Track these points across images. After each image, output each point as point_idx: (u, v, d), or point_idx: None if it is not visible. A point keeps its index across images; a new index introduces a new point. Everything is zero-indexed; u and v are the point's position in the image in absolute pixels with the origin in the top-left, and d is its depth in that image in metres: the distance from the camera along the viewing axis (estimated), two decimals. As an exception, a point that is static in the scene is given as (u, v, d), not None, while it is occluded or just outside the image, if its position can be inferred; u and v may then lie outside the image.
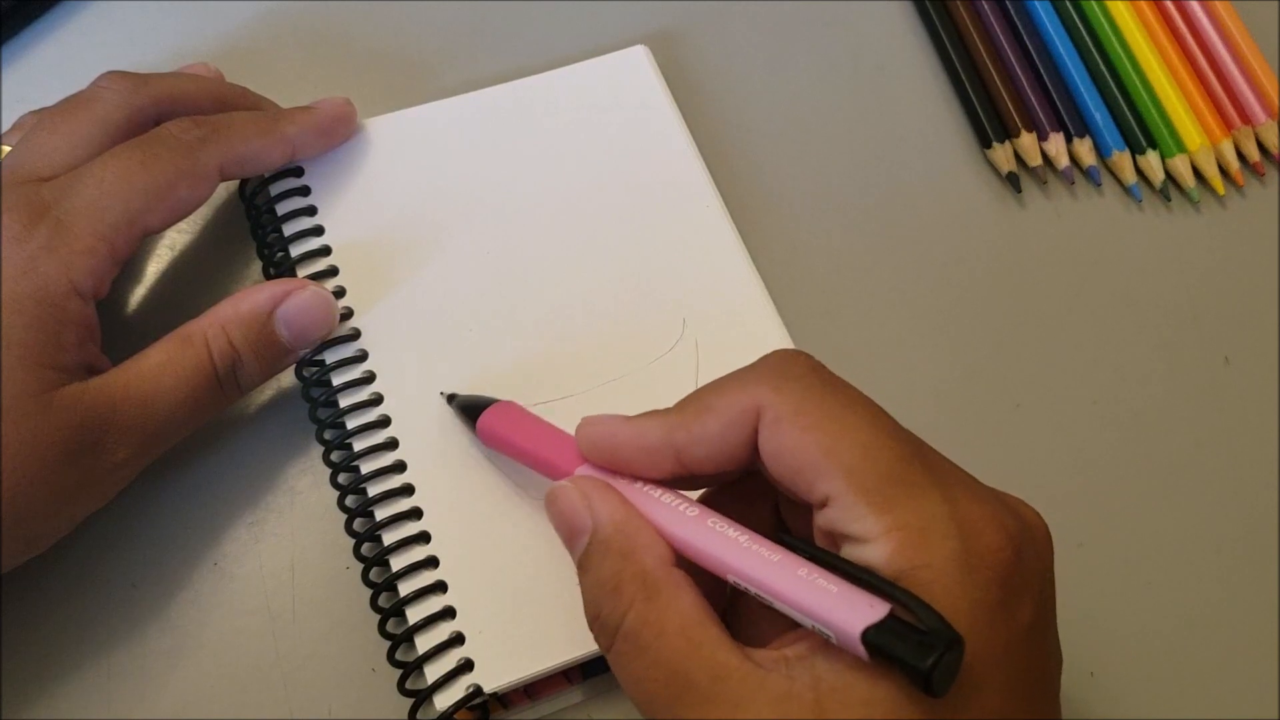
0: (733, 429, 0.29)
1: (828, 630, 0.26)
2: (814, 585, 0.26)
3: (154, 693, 0.36)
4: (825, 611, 0.26)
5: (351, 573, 0.37)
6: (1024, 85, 0.48)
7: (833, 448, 0.27)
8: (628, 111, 0.44)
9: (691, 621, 0.27)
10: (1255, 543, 0.41)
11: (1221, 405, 0.43)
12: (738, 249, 0.42)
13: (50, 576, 0.36)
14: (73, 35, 0.47)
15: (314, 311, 0.37)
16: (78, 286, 0.34)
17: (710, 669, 0.27)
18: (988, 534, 0.27)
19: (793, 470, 0.28)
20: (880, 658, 0.25)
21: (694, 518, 0.29)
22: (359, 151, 0.42)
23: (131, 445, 0.34)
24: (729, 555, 0.28)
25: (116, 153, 0.36)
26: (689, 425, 0.30)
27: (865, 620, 0.25)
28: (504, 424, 0.35)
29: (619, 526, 0.29)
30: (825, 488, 0.27)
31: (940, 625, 0.25)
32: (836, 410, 0.28)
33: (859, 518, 0.27)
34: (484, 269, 0.41)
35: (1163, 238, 0.46)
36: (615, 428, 0.31)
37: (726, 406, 0.29)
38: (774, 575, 0.27)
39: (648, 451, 0.30)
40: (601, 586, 0.29)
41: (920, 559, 0.26)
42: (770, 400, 0.28)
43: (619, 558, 0.29)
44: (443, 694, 0.34)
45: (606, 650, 0.29)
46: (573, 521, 0.30)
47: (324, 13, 0.48)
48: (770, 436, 0.28)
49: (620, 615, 0.28)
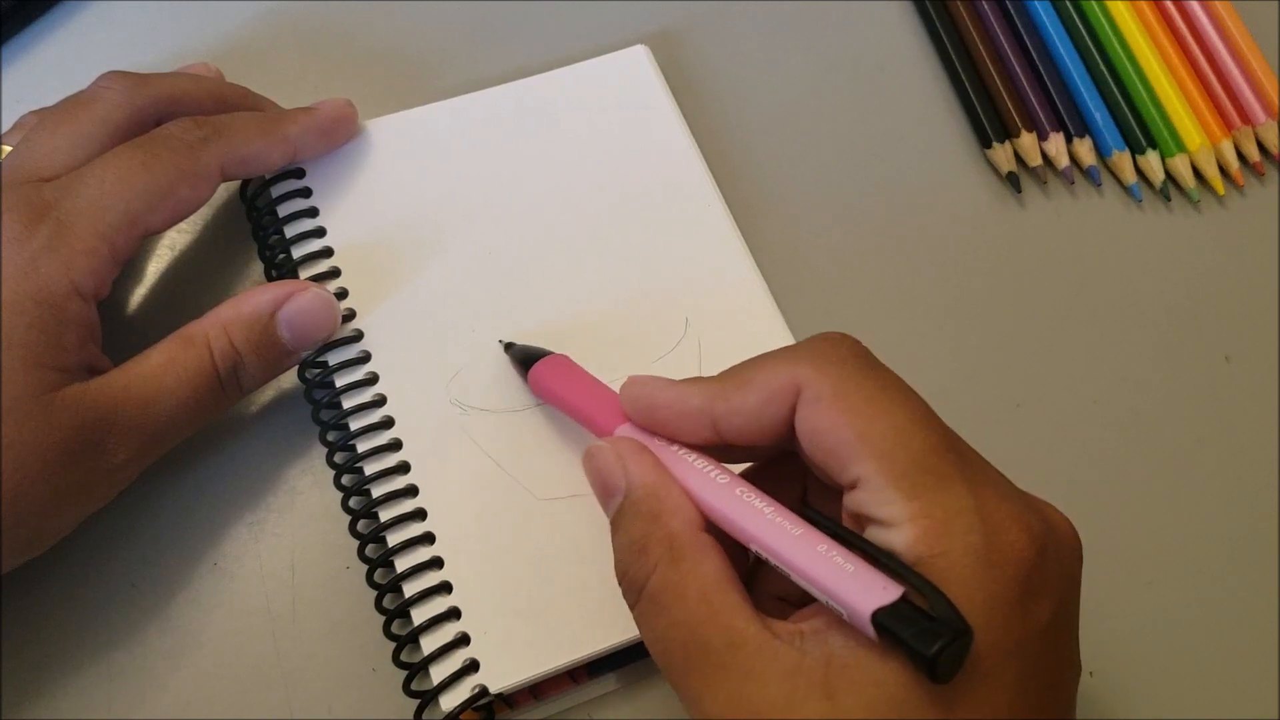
0: (771, 404, 0.29)
1: (840, 607, 0.26)
2: (831, 561, 0.27)
3: (154, 693, 0.35)
4: (838, 588, 0.26)
5: (352, 573, 0.37)
6: (1024, 85, 0.48)
7: (867, 431, 0.28)
8: (628, 111, 0.44)
9: (712, 587, 0.28)
10: (1256, 542, 0.41)
11: (1222, 405, 0.43)
12: (739, 248, 0.42)
13: (50, 576, 0.36)
14: (73, 35, 0.47)
15: (316, 313, 0.37)
16: (78, 287, 0.34)
17: (726, 635, 0.27)
18: (1011, 532, 0.27)
19: (826, 450, 0.28)
20: (888, 639, 0.25)
21: (724, 484, 0.29)
22: (360, 153, 0.42)
23: (132, 446, 0.34)
24: (751, 523, 0.28)
25: (117, 153, 0.36)
26: (729, 395, 0.30)
27: (877, 601, 0.25)
28: (554, 376, 0.36)
29: (650, 489, 0.30)
30: (856, 470, 0.28)
31: (950, 613, 0.25)
32: (874, 394, 0.29)
33: (886, 501, 0.27)
34: (486, 269, 0.41)
35: (1163, 238, 0.46)
36: (658, 390, 0.31)
37: (767, 381, 0.29)
38: (793, 548, 0.27)
39: (687, 416, 0.31)
40: (630, 547, 0.29)
41: (940, 547, 0.26)
42: (810, 379, 0.29)
43: (648, 520, 0.29)
44: (448, 695, 0.34)
45: (633, 607, 0.29)
46: (608, 481, 0.31)
47: (324, 13, 0.48)
48: (807, 415, 0.29)
49: (645, 576, 0.29)
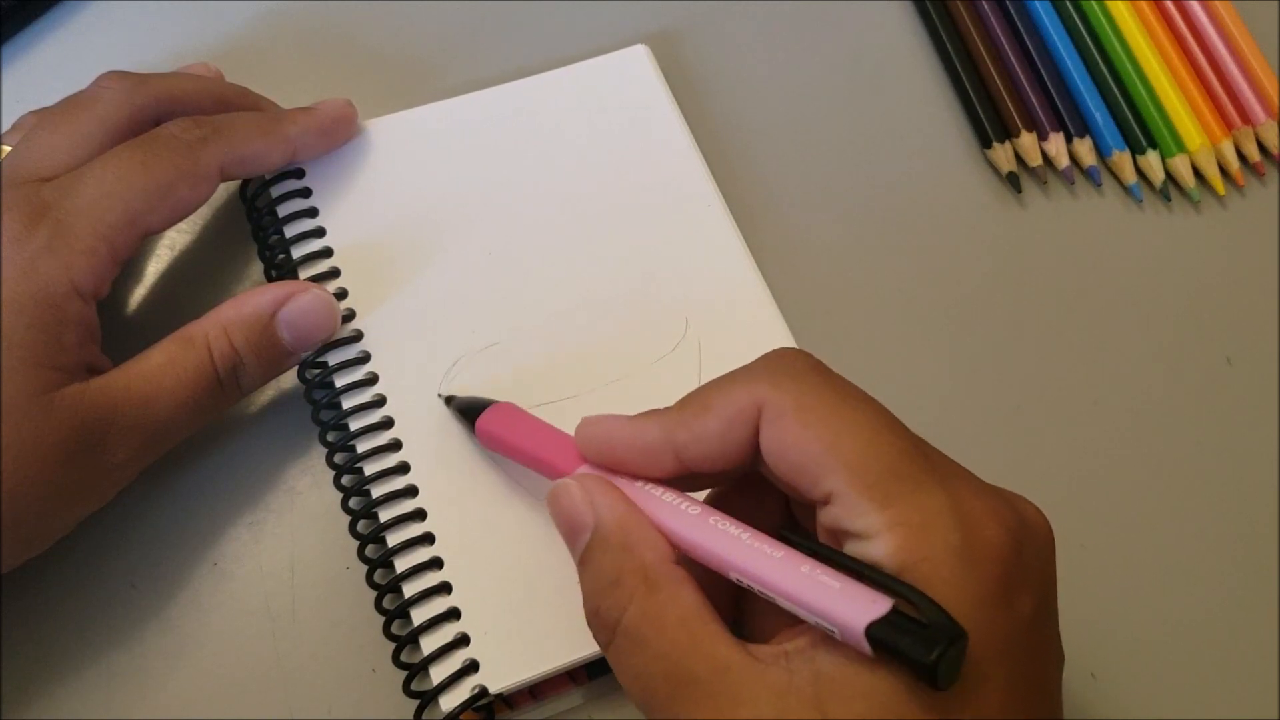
0: (733, 427, 0.29)
1: (831, 626, 0.26)
2: (816, 581, 0.26)
3: (154, 693, 0.35)
4: (828, 607, 0.26)
5: (352, 573, 0.37)
6: (1024, 85, 0.48)
7: (834, 444, 0.27)
8: (628, 111, 0.44)
9: (692, 616, 0.27)
10: (1256, 543, 0.41)
11: (1223, 405, 0.43)
12: (739, 248, 0.42)
13: (50, 576, 0.36)
14: (73, 35, 0.47)
15: (316, 314, 0.37)
16: (78, 287, 0.34)
17: (710, 663, 0.27)
18: (988, 527, 0.27)
19: (794, 467, 0.28)
20: (884, 652, 0.25)
21: (696, 515, 0.29)
22: (360, 153, 0.42)
23: (132, 446, 0.34)
24: (731, 552, 0.28)
25: (117, 153, 0.36)
26: (689, 424, 0.30)
27: (868, 615, 0.25)
28: (502, 425, 0.35)
29: (620, 522, 0.29)
30: (827, 484, 0.27)
31: (943, 619, 0.25)
32: (837, 407, 0.28)
33: (861, 514, 0.27)
34: (486, 270, 0.41)
35: (1163, 238, 0.46)
36: (614, 427, 0.31)
37: (726, 404, 0.29)
38: (776, 571, 0.27)
39: (648, 451, 0.30)
40: (601, 580, 0.29)
41: (921, 553, 0.26)
42: (771, 397, 0.28)
43: (619, 552, 0.29)
44: (448, 695, 0.34)
45: (605, 647, 0.29)
46: (574, 518, 0.30)
47: (324, 13, 0.48)
48: (771, 434, 0.28)
49: (620, 609, 0.28)
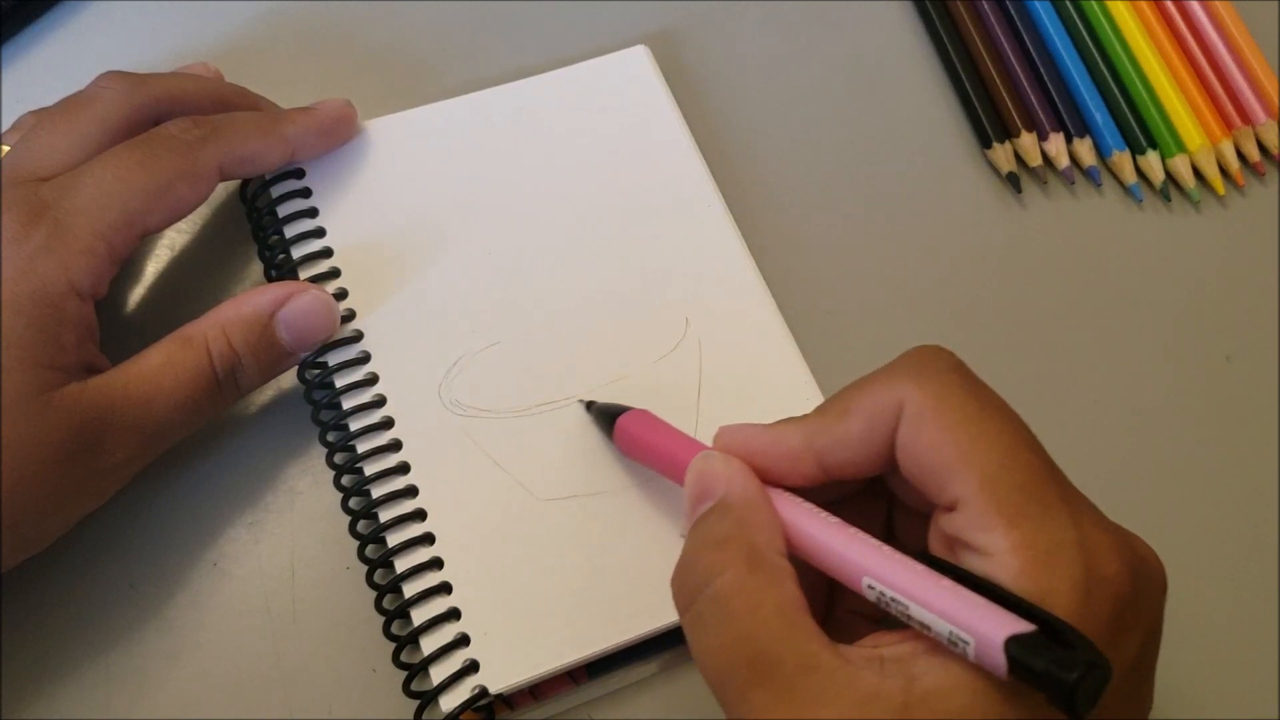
0: (875, 428, 0.28)
1: (966, 636, 0.25)
2: (956, 593, 0.26)
3: (153, 693, 0.35)
4: (968, 619, 0.25)
5: (352, 573, 0.37)
6: (1024, 85, 0.48)
7: (971, 451, 0.27)
8: (628, 111, 0.44)
9: (789, 606, 0.27)
10: (1256, 542, 0.41)
11: (1223, 404, 0.43)
12: (739, 248, 0.42)
13: (49, 576, 0.36)
14: (73, 35, 0.47)
15: (315, 315, 0.37)
16: (76, 286, 0.34)
17: (801, 657, 0.26)
18: (1110, 563, 0.26)
19: (926, 468, 0.27)
20: (1019, 671, 0.24)
21: (835, 523, 0.28)
22: (360, 153, 0.42)
23: (130, 445, 0.34)
24: (869, 559, 0.27)
25: (116, 152, 0.36)
26: (831, 428, 0.29)
27: (1008, 630, 0.24)
28: (640, 430, 0.35)
29: (745, 499, 0.29)
30: (957, 491, 0.27)
31: (1087, 648, 0.24)
32: (978, 413, 0.28)
33: (986, 528, 0.26)
34: (486, 270, 0.41)
35: (1163, 238, 0.46)
36: (754, 434, 0.30)
37: (868, 405, 0.29)
38: (916, 582, 0.26)
39: (789, 457, 0.30)
40: (705, 540, 0.28)
41: (1044, 583, 0.25)
42: (913, 395, 0.28)
43: (734, 523, 0.28)
44: (448, 695, 0.34)
45: (685, 609, 0.28)
46: (708, 485, 0.30)
47: (324, 13, 0.48)
48: (909, 432, 0.28)
49: (715, 573, 0.27)
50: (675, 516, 0.37)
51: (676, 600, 0.28)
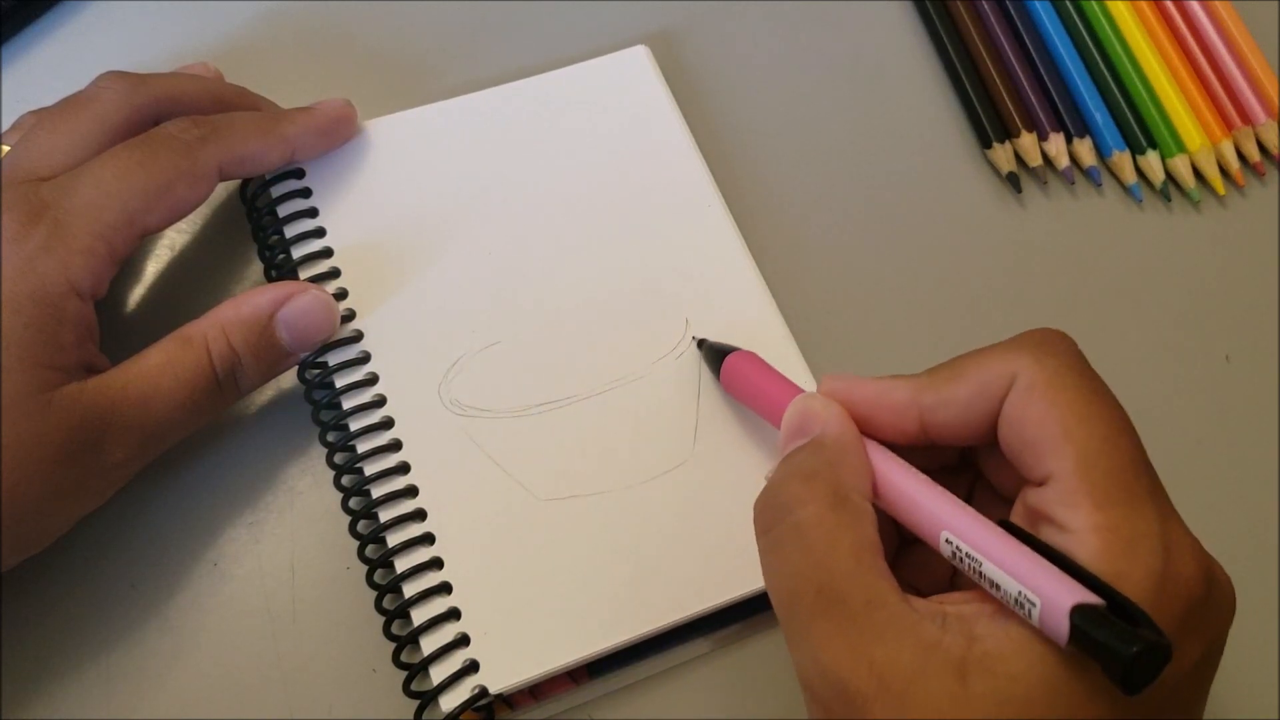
0: (984, 395, 0.29)
1: (1034, 598, 0.25)
2: (1031, 558, 0.26)
3: (153, 693, 0.35)
4: (1039, 582, 0.26)
5: (352, 573, 0.37)
6: (1024, 85, 0.48)
7: (1074, 429, 0.27)
8: (628, 112, 0.44)
9: (865, 547, 0.27)
10: (1256, 542, 0.41)
11: (1222, 404, 0.43)
12: (739, 248, 0.42)
13: (50, 576, 0.36)
14: (73, 35, 0.47)
15: (315, 315, 0.37)
16: (76, 286, 0.34)
17: (868, 595, 0.27)
18: (1188, 564, 0.27)
19: (1027, 441, 0.28)
20: (1079, 640, 0.25)
21: (922, 478, 0.29)
22: (360, 153, 0.42)
23: (130, 445, 0.34)
24: (951, 514, 0.28)
25: (115, 152, 0.36)
26: (939, 387, 0.30)
27: (1076, 599, 0.25)
28: (746, 370, 0.36)
29: (840, 441, 0.30)
30: (1052, 465, 0.27)
31: (1151, 628, 0.24)
32: (1087, 396, 0.28)
33: (1073, 506, 0.27)
34: (486, 270, 0.41)
35: (1163, 238, 0.46)
36: (860, 384, 0.31)
37: (981, 372, 0.29)
38: (994, 540, 0.27)
39: (892, 409, 0.30)
40: (794, 471, 0.29)
41: (1120, 566, 0.26)
42: (1028, 367, 0.29)
43: (825, 462, 0.29)
44: (448, 695, 0.34)
45: (765, 530, 0.29)
46: (806, 422, 0.31)
47: (324, 13, 0.48)
48: (1017, 402, 0.28)
49: (800, 503, 0.28)
50: (675, 517, 0.37)
51: (757, 522, 0.29)
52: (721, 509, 0.37)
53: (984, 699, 0.25)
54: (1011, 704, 0.25)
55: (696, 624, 0.36)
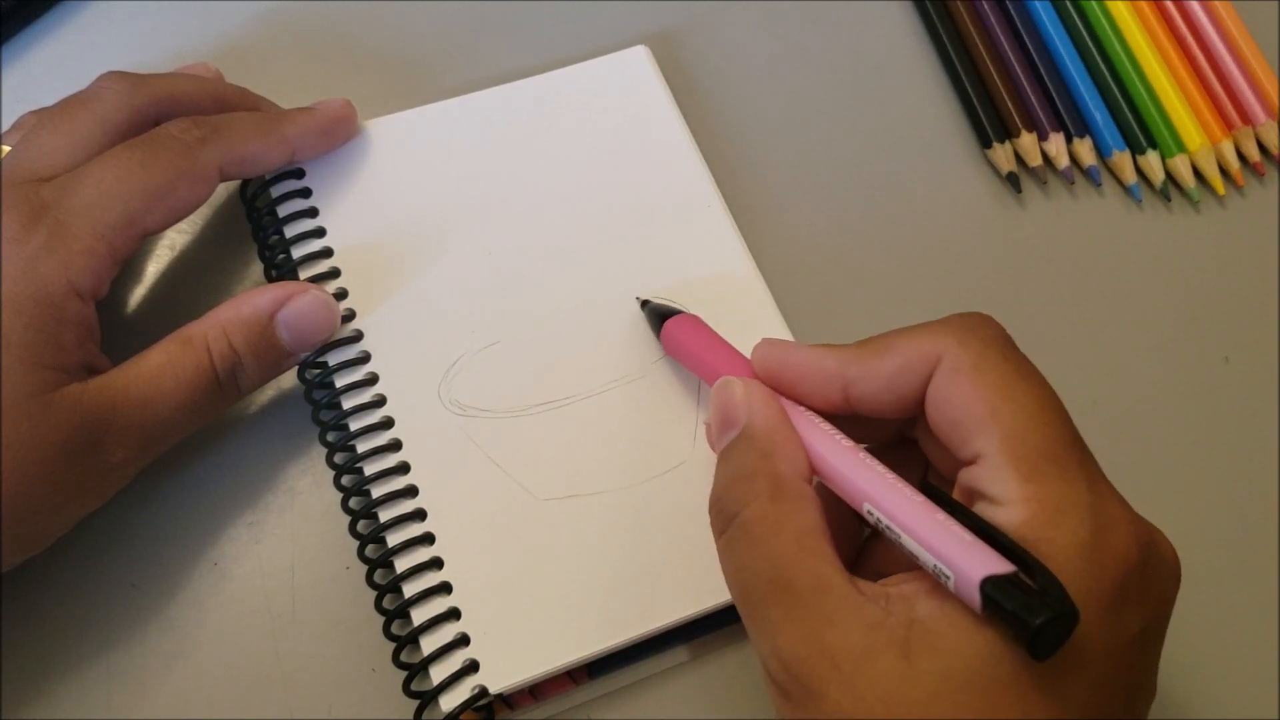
0: (907, 371, 0.30)
1: (948, 570, 0.26)
2: (946, 528, 0.27)
3: (153, 693, 0.35)
4: (950, 553, 0.26)
5: (352, 573, 0.37)
6: (1024, 85, 0.48)
7: (999, 408, 0.28)
8: (628, 112, 0.44)
9: (808, 532, 0.28)
10: (1255, 542, 0.41)
11: (1221, 405, 0.43)
12: (739, 248, 0.42)
13: (50, 576, 0.36)
14: (73, 35, 0.47)
15: (315, 315, 0.37)
16: (77, 287, 0.34)
17: (814, 579, 0.27)
18: (1120, 535, 0.27)
19: (953, 422, 0.29)
20: (991, 609, 0.25)
21: (846, 447, 0.30)
22: (360, 153, 0.42)
23: (130, 445, 0.34)
24: (870, 484, 0.29)
25: (116, 153, 0.36)
26: (864, 360, 0.31)
27: (988, 569, 0.25)
28: (686, 332, 0.37)
29: (768, 428, 0.30)
30: (979, 444, 0.28)
31: (1059, 594, 0.25)
32: (1011, 377, 0.29)
33: (1002, 480, 0.27)
34: (486, 270, 0.41)
35: (1163, 238, 0.46)
36: (790, 350, 0.32)
37: (907, 349, 0.30)
38: (910, 511, 0.27)
39: (819, 377, 0.31)
40: (734, 474, 0.30)
41: (1047, 533, 0.26)
42: (953, 350, 0.29)
43: (759, 456, 0.30)
44: (448, 695, 0.34)
45: (719, 535, 0.30)
46: (729, 413, 0.31)
47: (324, 13, 0.48)
48: (942, 384, 0.29)
49: (742, 504, 0.29)
50: (675, 517, 0.37)
51: (713, 527, 0.31)
52: (721, 509, 0.37)
53: (929, 675, 0.25)
54: (955, 677, 0.25)
55: (696, 624, 0.36)
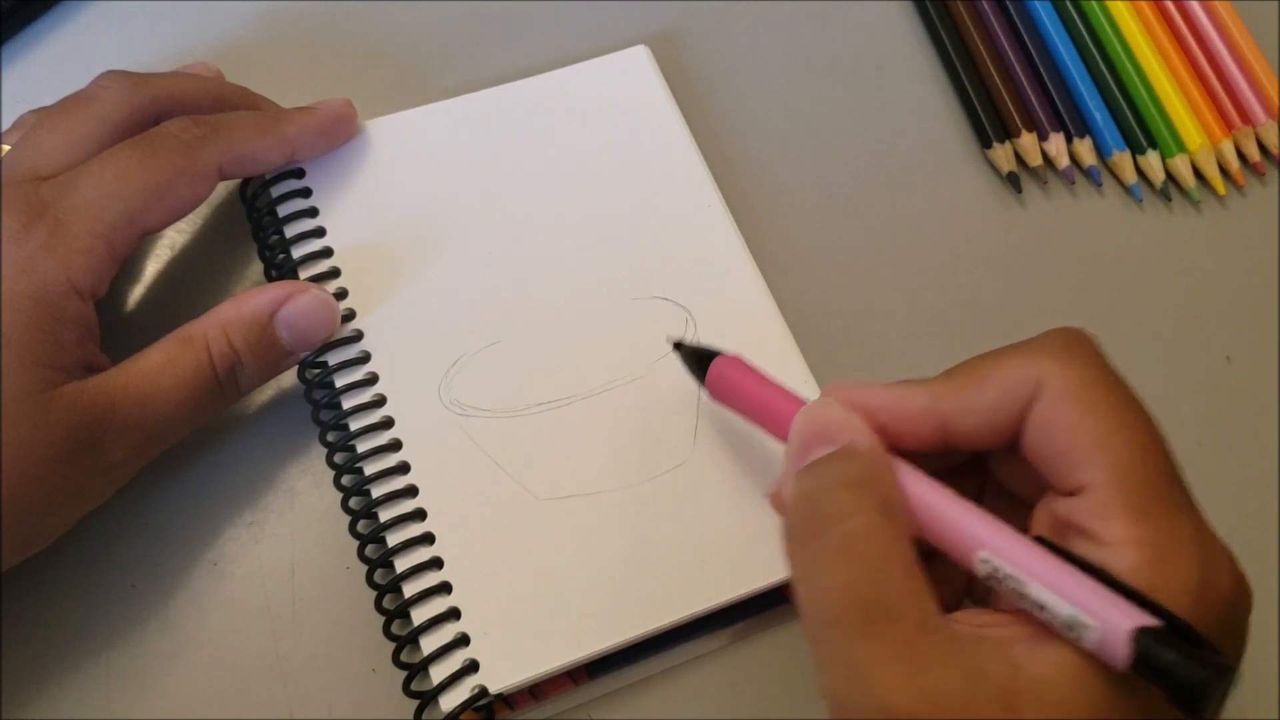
0: (1008, 400, 0.28)
1: (1091, 622, 0.24)
2: (1079, 576, 0.25)
3: (153, 693, 0.35)
4: (1094, 604, 0.24)
5: (351, 573, 0.37)
6: (1024, 85, 0.48)
7: (1108, 438, 0.27)
8: (628, 112, 0.44)
9: (915, 566, 0.26)
10: (1255, 542, 0.41)
11: (1222, 404, 0.43)
12: (739, 248, 0.42)
13: (49, 576, 0.36)
14: (73, 35, 0.47)
15: (315, 315, 0.37)
16: (76, 285, 0.34)
17: (920, 615, 0.25)
18: (1223, 574, 0.26)
19: (1058, 450, 0.27)
20: (1145, 664, 0.24)
21: (950, 493, 0.28)
22: (360, 153, 0.42)
23: (130, 444, 0.34)
24: (989, 532, 0.27)
25: (115, 152, 0.36)
26: (958, 393, 0.29)
27: (1135, 621, 0.24)
28: (735, 376, 0.33)
29: (875, 451, 0.28)
30: (1086, 476, 0.27)
31: (1214, 650, 0.24)
32: (1117, 403, 0.28)
33: (1109, 518, 0.26)
34: (486, 270, 0.41)
35: (1163, 238, 0.46)
36: (873, 391, 0.29)
37: (1006, 376, 0.28)
38: (1039, 559, 0.26)
39: (909, 418, 0.29)
40: (836, 479, 0.27)
41: (1160, 581, 0.25)
42: (1055, 374, 0.28)
43: (868, 468, 0.28)
44: (448, 695, 0.34)
45: (805, 541, 0.27)
46: (828, 429, 0.29)
47: (324, 13, 0.48)
48: (1048, 409, 0.27)
49: (848, 511, 0.26)
50: (675, 517, 0.37)
51: (794, 534, 0.28)
52: (721, 509, 0.37)
53: None
54: None
55: (696, 624, 0.36)
